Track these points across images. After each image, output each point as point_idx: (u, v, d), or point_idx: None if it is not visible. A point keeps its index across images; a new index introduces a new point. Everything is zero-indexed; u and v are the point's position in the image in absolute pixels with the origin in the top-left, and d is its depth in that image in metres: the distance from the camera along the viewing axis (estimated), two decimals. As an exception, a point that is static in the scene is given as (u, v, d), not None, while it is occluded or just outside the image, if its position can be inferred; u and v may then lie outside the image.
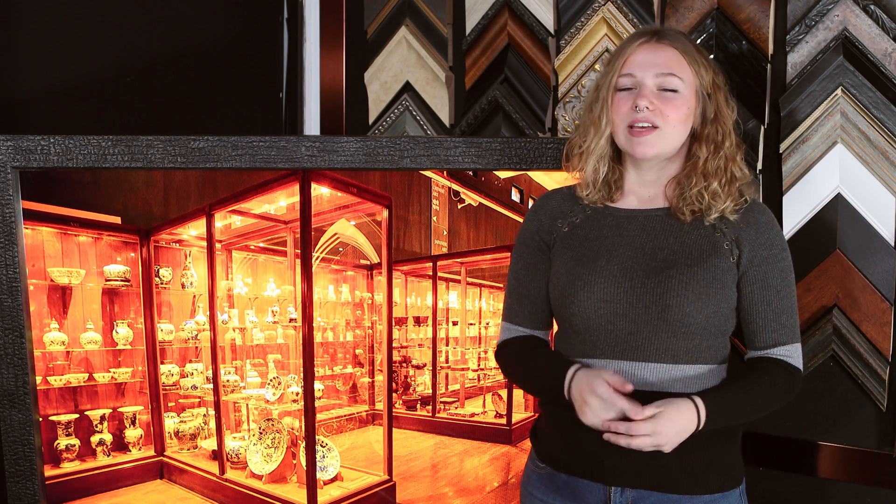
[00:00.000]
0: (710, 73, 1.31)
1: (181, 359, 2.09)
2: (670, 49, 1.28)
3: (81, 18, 2.00)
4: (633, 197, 1.36)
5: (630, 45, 1.30)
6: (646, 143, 1.26)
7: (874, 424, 1.60)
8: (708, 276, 1.25)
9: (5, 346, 1.70)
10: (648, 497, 1.26)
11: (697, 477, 1.27)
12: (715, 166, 1.29)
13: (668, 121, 1.26)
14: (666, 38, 1.29)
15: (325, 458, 2.05)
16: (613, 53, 1.34)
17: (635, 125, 1.26)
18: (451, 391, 2.22)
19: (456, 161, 1.67)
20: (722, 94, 1.32)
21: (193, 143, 1.67)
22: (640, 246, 1.30)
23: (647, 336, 1.25)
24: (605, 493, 1.29)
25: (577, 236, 1.35)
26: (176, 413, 2.09)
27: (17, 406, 1.72)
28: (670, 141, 1.28)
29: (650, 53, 1.28)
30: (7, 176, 1.68)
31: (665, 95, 1.27)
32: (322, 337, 2.15)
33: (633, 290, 1.26)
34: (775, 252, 1.30)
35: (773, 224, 1.32)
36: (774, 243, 1.30)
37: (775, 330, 1.30)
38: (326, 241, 2.01)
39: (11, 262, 1.69)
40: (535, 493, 1.39)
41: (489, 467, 2.06)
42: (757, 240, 1.29)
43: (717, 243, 1.28)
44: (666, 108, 1.26)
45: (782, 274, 1.31)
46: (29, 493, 1.77)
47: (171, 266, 2.09)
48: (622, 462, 1.25)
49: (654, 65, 1.27)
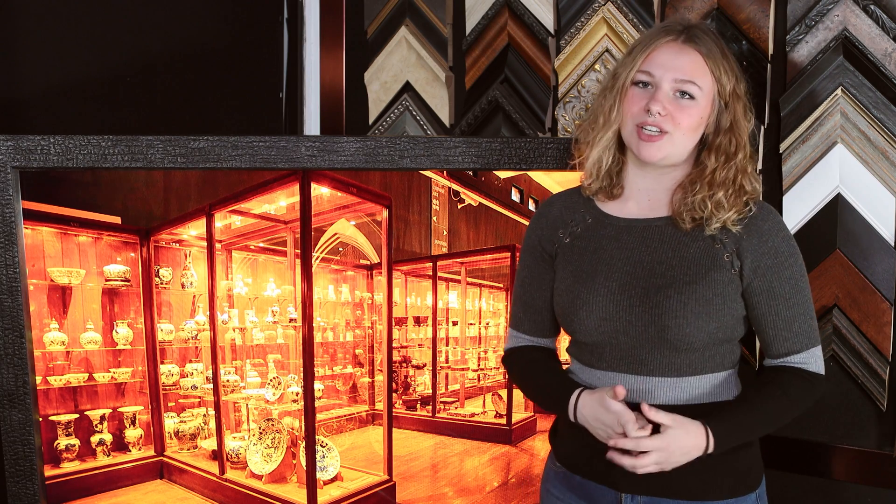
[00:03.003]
0: (732, 80, 1.27)
1: (181, 359, 2.09)
2: (694, 53, 1.24)
3: (81, 18, 2.00)
4: (632, 203, 1.33)
5: (655, 41, 1.26)
6: (652, 147, 1.24)
7: (874, 424, 1.60)
8: (708, 293, 1.22)
9: (5, 346, 1.70)
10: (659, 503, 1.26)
11: (709, 483, 1.26)
12: (723, 177, 1.25)
13: (679, 127, 1.23)
14: (693, 39, 1.24)
15: (325, 458, 2.05)
16: (638, 42, 1.30)
17: (644, 127, 1.24)
18: (450, 391, 2.22)
19: (456, 161, 1.67)
20: (741, 105, 1.28)
21: (193, 143, 1.67)
22: (639, 260, 1.27)
23: (650, 352, 1.25)
24: (616, 498, 1.28)
25: (577, 248, 1.33)
26: (176, 413, 2.09)
27: (17, 406, 1.72)
28: (678, 147, 1.25)
29: (674, 55, 1.24)
30: (7, 176, 1.67)
31: (680, 101, 1.24)
32: (322, 337, 2.15)
33: (631, 308, 1.25)
34: (781, 260, 1.25)
35: (779, 229, 1.27)
36: (780, 250, 1.25)
37: (787, 339, 1.27)
38: (326, 241, 2.01)
39: (11, 262, 1.69)
40: (553, 491, 1.39)
41: (489, 467, 2.06)
42: (759, 249, 1.25)
43: (717, 256, 1.25)
44: (679, 115, 1.23)
45: (791, 281, 1.26)
46: (29, 493, 1.76)
47: (171, 266, 2.09)
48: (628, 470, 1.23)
49: (675, 69, 1.23)
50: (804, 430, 1.65)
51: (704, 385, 1.27)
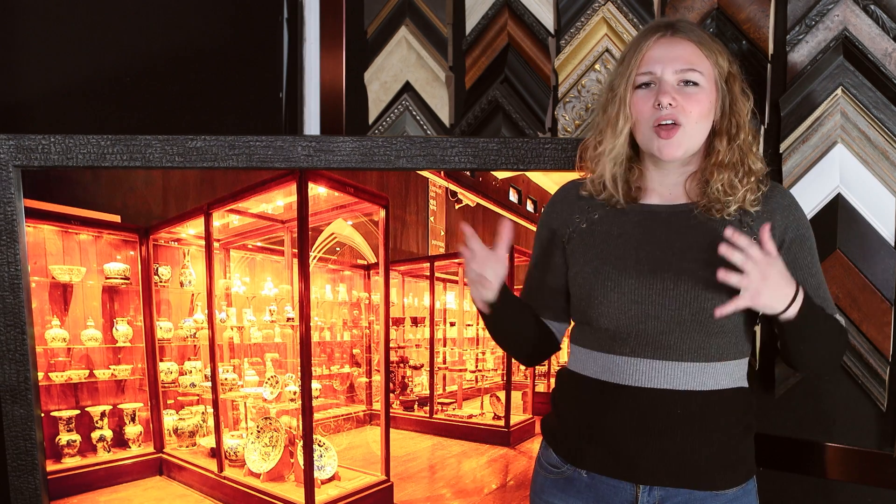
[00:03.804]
0: (726, 62, 1.27)
1: (180, 356, 2.10)
2: (687, 42, 1.25)
3: (81, 18, 2.02)
4: (654, 194, 1.33)
5: (645, 41, 1.26)
6: (672, 144, 1.23)
7: (874, 424, 1.58)
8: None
9: (7, 343, 1.72)
10: (676, 496, 1.25)
11: (725, 472, 1.26)
12: (731, 159, 1.26)
13: (691, 117, 1.23)
14: (681, 30, 1.26)
15: (323, 458, 2.06)
16: (627, 50, 1.30)
17: (660, 122, 1.23)
18: (448, 392, 2.22)
19: (452, 161, 1.67)
20: (737, 85, 1.28)
21: (191, 143, 1.68)
22: (669, 244, 1.26)
23: (679, 336, 1.23)
24: (632, 493, 1.26)
25: (598, 233, 1.32)
26: (175, 410, 2.10)
27: (18, 401, 1.74)
28: (694, 137, 1.25)
29: (667, 48, 1.24)
30: (9, 174, 1.70)
31: (686, 90, 1.23)
32: (319, 336, 2.16)
33: (665, 291, 1.23)
34: (802, 231, 1.29)
35: (796, 204, 1.30)
36: (801, 223, 1.29)
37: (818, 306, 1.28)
38: (323, 240, 2.02)
39: (13, 260, 1.71)
40: (552, 501, 1.34)
41: (487, 469, 2.06)
42: (784, 224, 1.27)
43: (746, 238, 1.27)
44: (688, 104, 1.23)
45: (811, 251, 1.30)
46: (30, 488, 1.78)
47: (170, 264, 2.11)
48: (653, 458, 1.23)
49: (673, 59, 1.23)
50: (804, 430, 1.63)
51: (729, 371, 1.27)
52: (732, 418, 1.27)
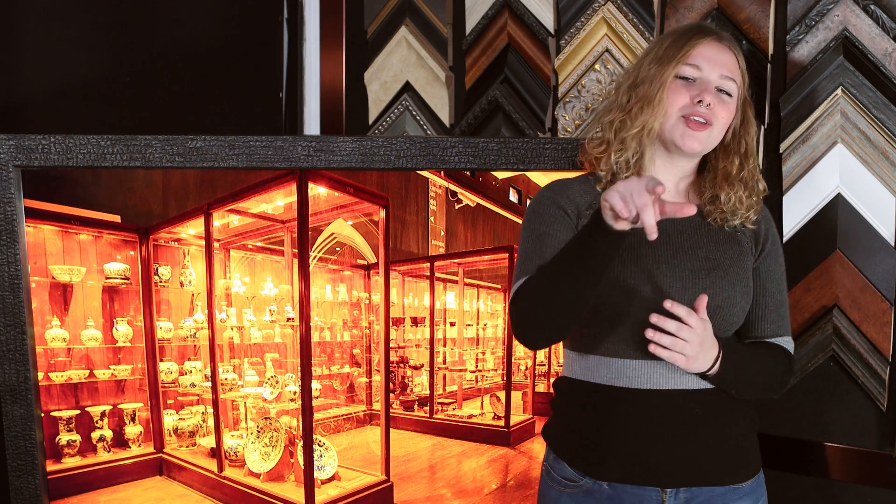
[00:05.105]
0: (746, 85, 1.32)
1: (180, 356, 2.10)
2: (731, 53, 1.29)
3: (81, 18, 2.02)
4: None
5: (695, 38, 1.28)
6: (697, 137, 1.26)
7: (874, 424, 1.59)
8: (745, 276, 1.29)
9: (7, 343, 1.72)
10: (699, 495, 1.25)
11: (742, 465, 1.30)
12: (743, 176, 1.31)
13: (719, 122, 1.27)
14: (726, 40, 1.30)
15: (323, 458, 2.06)
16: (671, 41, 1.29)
17: (693, 117, 1.25)
18: (448, 392, 2.21)
19: (452, 161, 1.67)
20: (750, 110, 1.33)
21: (191, 143, 1.68)
22: (680, 244, 1.28)
23: None
24: (658, 499, 1.25)
25: None
26: (175, 410, 2.10)
27: (18, 401, 1.74)
28: (713, 141, 1.29)
29: (717, 52, 1.27)
30: (9, 174, 1.70)
31: (721, 97, 1.27)
32: (319, 336, 2.16)
33: (684, 290, 1.24)
34: (776, 246, 1.36)
35: (771, 218, 1.38)
36: (777, 238, 1.36)
37: (774, 321, 1.34)
38: (323, 240, 2.02)
39: (13, 260, 1.71)
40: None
41: (487, 469, 2.05)
42: (765, 235, 1.34)
43: (741, 242, 1.32)
44: (720, 110, 1.26)
45: (782, 267, 1.36)
46: (30, 488, 1.78)
47: (170, 264, 2.11)
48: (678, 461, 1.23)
49: (721, 64, 1.26)
50: (804, 430, 1.64)
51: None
52: (741, 411, 1.30)
